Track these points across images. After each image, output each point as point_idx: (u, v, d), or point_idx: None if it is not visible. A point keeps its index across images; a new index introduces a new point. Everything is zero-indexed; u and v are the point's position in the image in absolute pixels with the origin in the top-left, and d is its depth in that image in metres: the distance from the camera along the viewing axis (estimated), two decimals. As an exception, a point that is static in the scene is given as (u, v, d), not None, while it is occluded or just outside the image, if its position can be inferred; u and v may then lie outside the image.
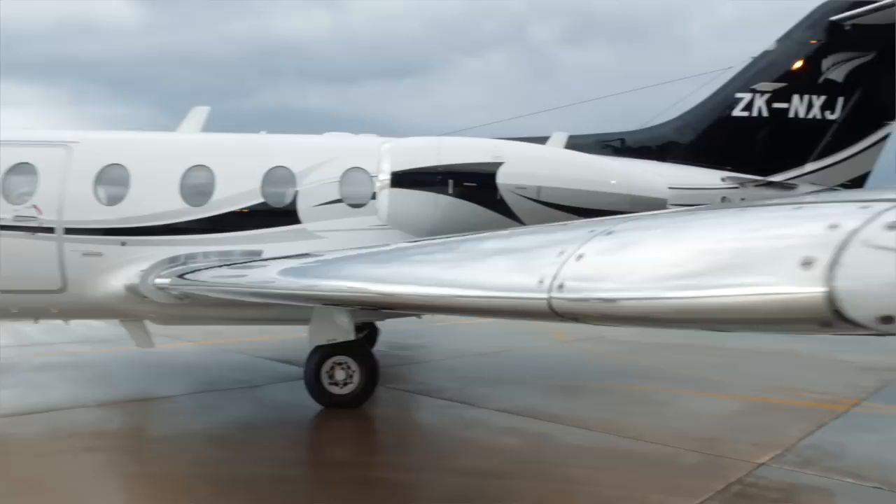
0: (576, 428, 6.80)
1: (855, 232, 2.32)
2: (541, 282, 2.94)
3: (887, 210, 2.33)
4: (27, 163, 7.88)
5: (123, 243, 7.80)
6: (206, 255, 7.69)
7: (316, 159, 8.32)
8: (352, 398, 7.61)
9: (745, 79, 10.07)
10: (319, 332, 7.61)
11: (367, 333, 11.14)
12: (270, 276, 5.23)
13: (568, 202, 7.62)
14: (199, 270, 6.67)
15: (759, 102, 9.88)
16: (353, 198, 8.18)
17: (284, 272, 4.93)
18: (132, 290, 7.45)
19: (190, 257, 7.63)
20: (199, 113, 9.30)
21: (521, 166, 7.78)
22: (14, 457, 5.90)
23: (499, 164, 7.68)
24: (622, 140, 10.21)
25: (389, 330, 12.08)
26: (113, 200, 7.91)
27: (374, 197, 7.98)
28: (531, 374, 10.14)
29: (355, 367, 7.65)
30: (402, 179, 7.68)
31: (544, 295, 2.93)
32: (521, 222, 7.44)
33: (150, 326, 8.93)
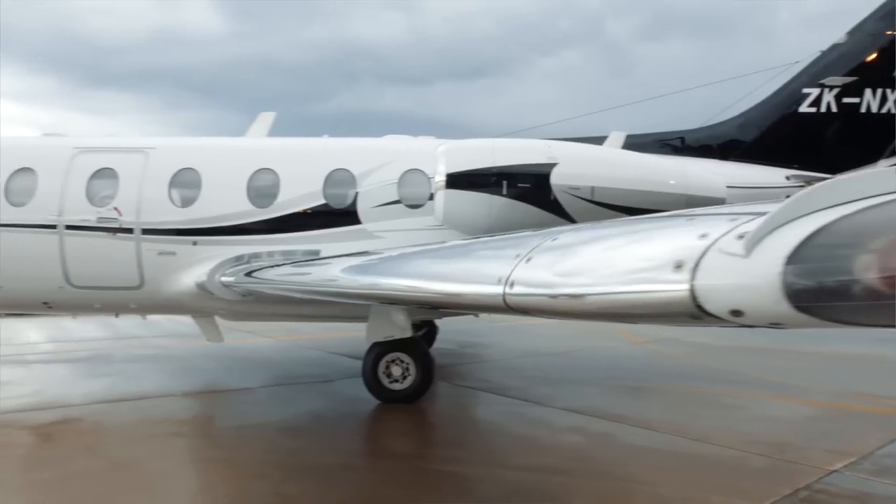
0: (639, 428, 6.76)
1: (715, 240, 2.85)
2: (499, 281, 3.52)
3: (744, 222, 2.85)
4: (109, 168, 8.46)
5: (195, 243, 8.25)
6: (270, 254, 8.06)
7: (375, 161, 8.54)
8: (407, 394, 7.80)
9: (813, 73, 9.64)
10: (377, 329, 7.84)
11: (426, 332, 11.38)
12: (331, 275, 5.53)
13: (622, 202, 7.58)
14: (263, 269, 7.04)
15: (828, 98, 9.46)
16: (411, 198, 8.37)
17: (346, 270, 5.20)
18: (202, 287, 7.91)
19: (253, 256, 8.02)
20: (266, 118, 9.75)
21: (574, 167, 7.78)
22: (109, 439, 6.42)
23: (553, 165, 7.71)
24: (682, 139, 9.98)
25: (458, 329, 12.29)
26: (185, 202, 8.37)
27: (431, 198, 8.15)
28: (598, 374, 10.10)
29: (411, 364, 7.84)
30: (457, 181, 7.82)
31: (500, 292, 3.50)
32: (575, 223, 7.46)
33: (230, 323, 9.43)
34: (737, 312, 2.82)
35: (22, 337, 13.37)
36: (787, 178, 9.26)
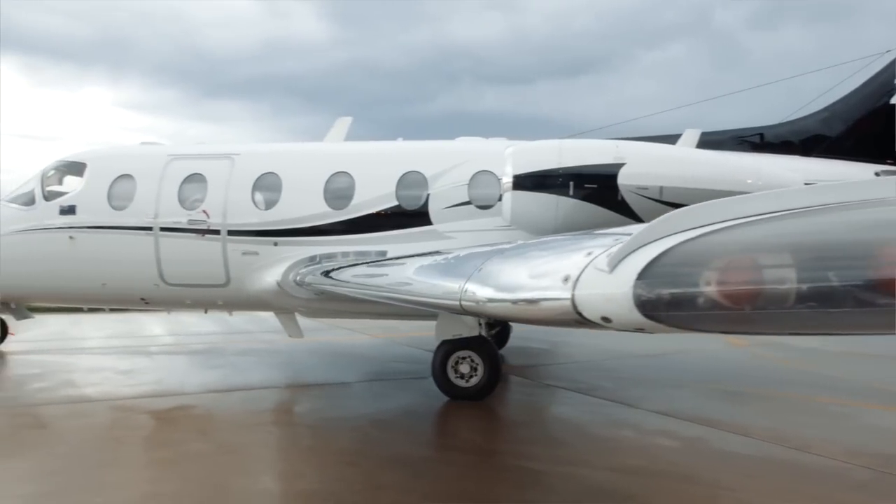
0: (734, 434, 6.56)
1: (594, 258, 3.49)
2: (459, 288, 4.44)
3: (616, 243, 3.43)
4: (198, 173, 9.11)
5: (276, 243, 8.74)
6: (344, 254, 8.39)
7: (446, 163, 8.73)
8: (475, 391, 7.91)
9: None
10: (446, 328, 8.00)
11: (499, 331, 11.44)
12: (401, 279, 5.91)
13: (691, 202, 7.34)
14: (340, 269, 7.39)
15: None
16: (481, 199, 8.50)
17: (419, 272, 5.48)
18: (280, 285, 8.38)
19: (325, 257, 8.39)
20: (343, 123, 10.18)
21: (642, 166, 7.64)
22: (218, 425, 6.96)
23: (620, 165, 7.60)
24: (761, 135, 9.48)
25: (549, 328, 12.24)
26: (267, 205, 8.88)
27: (500, 199, 8.22)
28: (695, 377, 9.82)
29: (479, 362, 7.94)
30: (524, 182, 7.87)
31: (458, 298, 4.44)
32: (643, 223, 7.31)
33: (330, 321, 9.92)
34: (606, 319, 3.42)
35: (146, 330, 14.58)
36: (877, 173, 8.65)
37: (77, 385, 8.68)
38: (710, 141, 8.86)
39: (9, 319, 11.19)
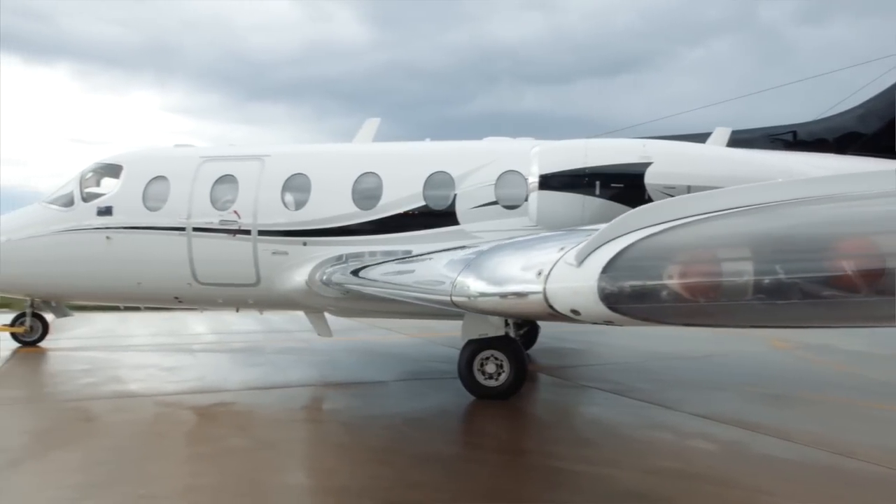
0: (776, 438, 6.41)
1: (565, 253, 3.74)
2: (449, 284, 4.91)
3: (585, 238, 3.65)
4: (230, 175, 9.28)
5: (305, 243, 8.86)
6: (371, 254, 8.48)
7: (473, 163, 8.75)
8: (501, 391, 7.90)
9: None
10: (472, 327, 8.01)
11: (527, 331, 11.39)
12: (432, 276, 6.01)
13: None
14: (368, 267, 7.51)
15: None
16: (508, 199, 8.51)
17: (448, 267, 5.58)
18: (309, 284, 8.52)
19: (352, 256, 8.48)
20: (372, 124, 10.27)
21: (670, 166, 7.53)
22: (258, 421, 7.10)
23: (647, 165, 7.51)
24: (793, 133, 9.19)
25: (587, 329, 12.16)
26: (297, 205, 9.01)
27: (527, 199, 8.19)
28: (737, 380, 9.63)
29: (505, 361, 7.92)
30: (550, 181, 7.81)
31: (448, 293, 4.90)
32: None
33: (368, 320, 10.01)
34: (575, 311, 3.64)
35: (189, 329, 14.94)
36: None
37: (123, 381, 8.95)
38: (741, 139, 8.66)
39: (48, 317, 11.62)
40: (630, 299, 3.30)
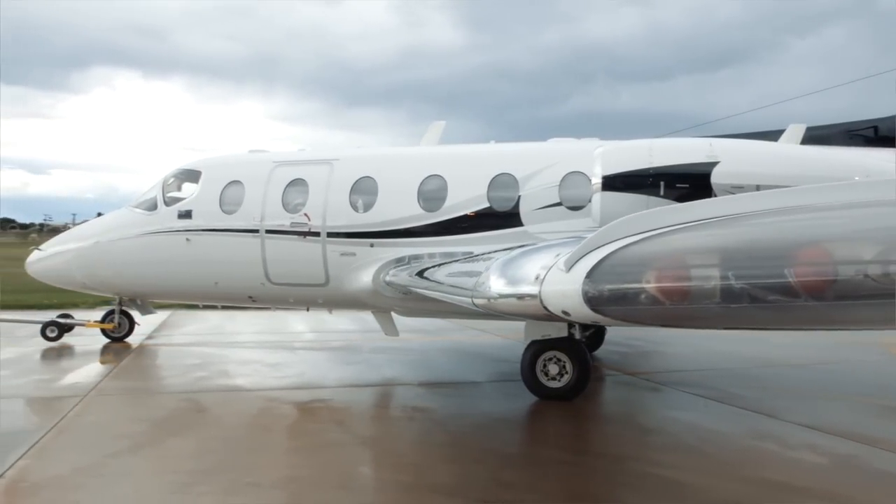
0: (892, 453, 5.99)
1: (558, 259, 4.20)
2: (472, 286, 5.42)
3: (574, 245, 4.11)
4: (300, 178, 9.61)
5: (372, 245, 9.04)
6: (430, 255, 8.56)
7: (538, 165, 8.68)
8: (564, 391, 7.81)
9: None
10: (534, 329, 7.91)
11: (594, 332, 11.06)
12: (460, 279, 6.38)
13: None
14: (432, 268, 7.60)
15: None
16: (572, 200, 8.38)
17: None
18: (374, 284, 8.72)
19: (413, 258, 8.56)
20: (437, 127, 10.33)
21: (738, 164, 7.20)
22: (355, 418, 7.36)
23: (714, 164, 7.18)
24: (875, 128, 8.41)
25: (690, 333, 11.76)
26: (364, 208, 9.21)
27: (591, 200, 8.01)
28: (850, 389, 9.03)
29: (568, 363, 7.83)
30: (614, 182, 7.61)
31: (470, 295, 5.43)
32: None
33: (462, 321, 10.08)
34: (566, 313, 4.15)
35: (290, 327, 15.58)
36: None
37: (230, 375, 9.48)
38: (817, 136, 8.10)
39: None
40: (609, 302, 3.71)
